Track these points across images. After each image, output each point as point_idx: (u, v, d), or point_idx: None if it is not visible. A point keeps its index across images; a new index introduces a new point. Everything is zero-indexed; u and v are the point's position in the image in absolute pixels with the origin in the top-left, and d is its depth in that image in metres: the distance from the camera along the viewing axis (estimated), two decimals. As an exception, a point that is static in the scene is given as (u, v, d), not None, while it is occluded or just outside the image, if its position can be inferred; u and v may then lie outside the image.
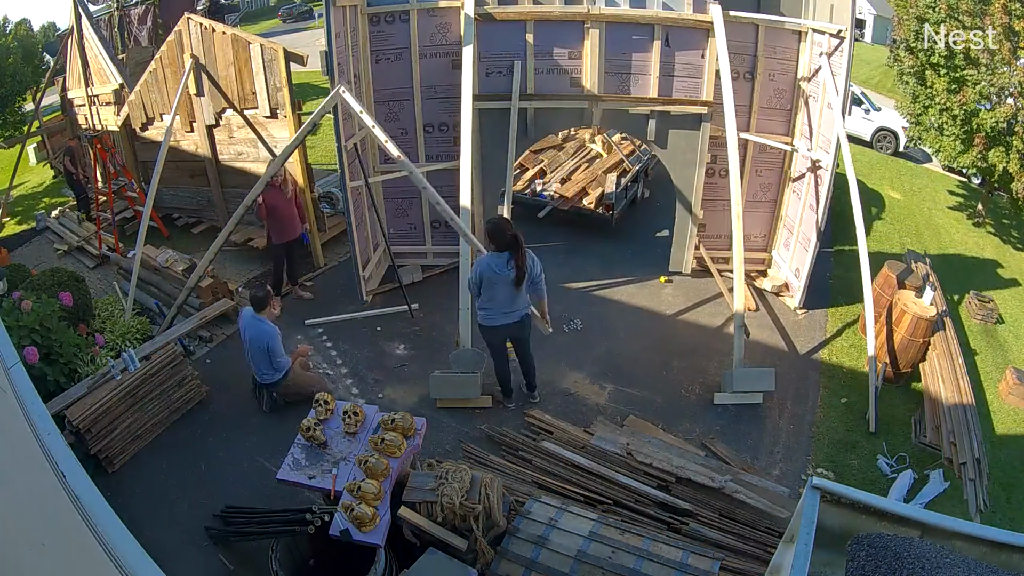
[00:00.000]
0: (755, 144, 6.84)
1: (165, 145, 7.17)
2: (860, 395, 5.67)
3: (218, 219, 8.51)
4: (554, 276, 7.27)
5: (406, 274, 7.23)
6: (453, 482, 3.51)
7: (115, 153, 8.40)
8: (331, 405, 4.04)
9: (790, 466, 4.98)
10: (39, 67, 14.44)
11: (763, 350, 6.15)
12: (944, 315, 6.37)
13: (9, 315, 4.85)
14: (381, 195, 7.23)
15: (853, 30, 5.79)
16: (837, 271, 7.65)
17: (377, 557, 3.36)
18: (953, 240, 9.24)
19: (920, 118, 9.52)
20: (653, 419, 5.32)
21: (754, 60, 6.53)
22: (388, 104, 6.87)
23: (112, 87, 9.24)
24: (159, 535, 4.24)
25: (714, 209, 7.12)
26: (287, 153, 6.16)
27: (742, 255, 5.75)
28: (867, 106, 13.28)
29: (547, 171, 8.97)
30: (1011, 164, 8.30)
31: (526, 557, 3.42)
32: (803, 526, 2.18)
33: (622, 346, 6.25)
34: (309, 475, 3.68)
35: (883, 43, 18.57)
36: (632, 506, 4.33)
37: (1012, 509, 4.78)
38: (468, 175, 5.87)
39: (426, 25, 6.49)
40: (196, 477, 4.80)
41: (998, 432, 5.53)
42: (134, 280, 6.83)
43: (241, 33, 7.61)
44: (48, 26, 21.99)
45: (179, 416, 5.33)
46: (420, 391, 5.59)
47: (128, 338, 6.05)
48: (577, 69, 6.52)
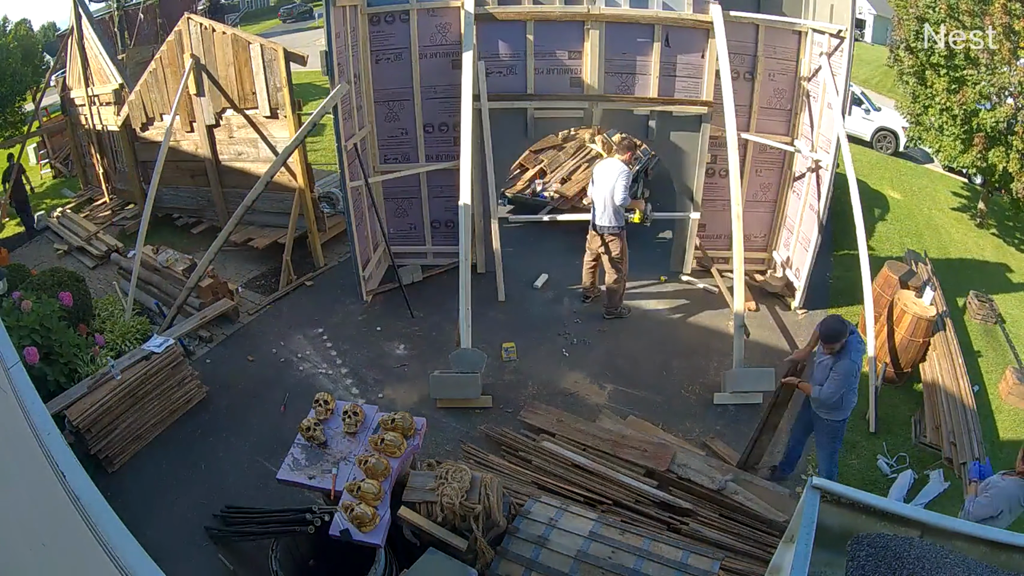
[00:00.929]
0: (755, 144, 6.84)
1: (165, 145, 7.18)
2: (860, 395, 5.64)
3: (218, 219, 8.51)
4: (555, 276, 7.30)
5: (406, 274, 7.23)
6: (453, 482, 3.50)
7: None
8: (331, 405, 4.04)
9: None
10: (39, 67, 14.45)
11: (763, 350, 6.15)
12: (944, 315, 6.37)
13: (9, 315, 4.85)
14: (381, 195, 7.23)
15: (853, 30, 5.78)
16: (837, 271, 7.65)
17: (377, 557, 3.36)
18: (953, 240, 9.23)
19: (920, 118, 9.51)
20: (653, 419, 5.32)
21: (754, 60, 6.53)
22: (388, 104, 6.87)
23: (112, 87, 9.24)
24: (159, 535, 4.24)
25: (714, 209, 7.12)
26: (287, 153, 6.17)
27: (742, 255, 5.75)
28: (867, 106, 13.27)
29: (547, 171, 8.97)
30: (1011, 164, 8.29)
31: (526, 557, 3.42)
32: (803, 526, 2.17)
33: (622, 346, 6.24)
34: (309, 475, 3.68)
35: (883, 43, 18.54)
36: (632, 506, 4.33)
37: (1012, 509, 4.78)
38: (468, 175, 5.87)
39: (426, 25, 6.49)
40: (196, 477, 4.80)
41: (998, 432, 5.52)
42: (134, 280, 6.84)
43: (241, 33, 7.62)
44: (48, 26, 22.00)
45: (179, 416, 5.33)
46: (420, 391, 5.59)
47: (128, 338, 6.05)
48: (577, 69, 6.52)
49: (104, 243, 8.52)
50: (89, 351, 5.39)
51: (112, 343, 5.90)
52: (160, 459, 4.96)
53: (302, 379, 5.79)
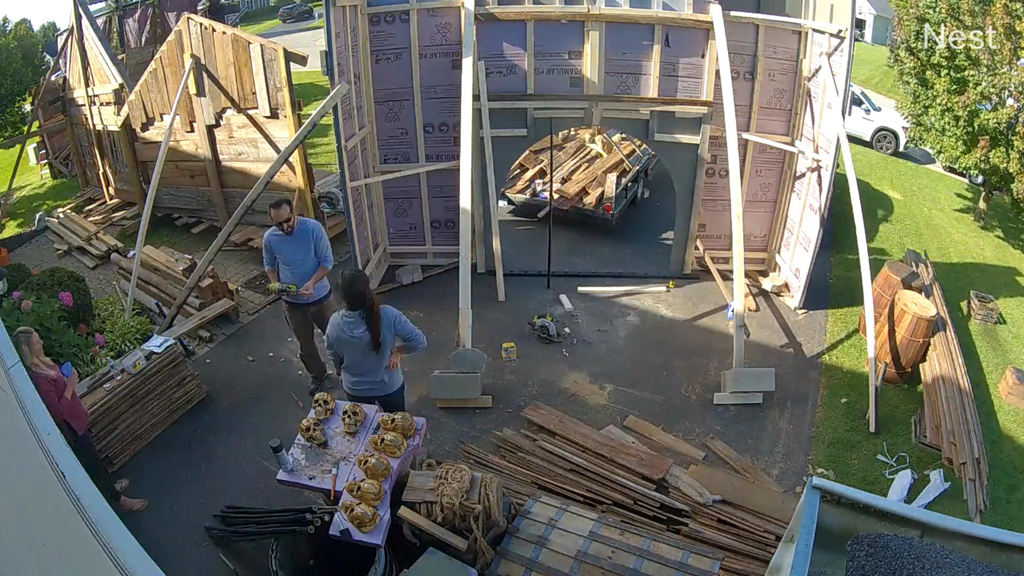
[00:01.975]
0: (755, 144, 6.84)
1: (165, 145, 7.17)
2: (860, 395, 5.67)
3: (218, 219, 8.51)
4: (555, 276, 7.28)
5: (406, 274, 7.23)
6: (453, 482, 3.50)
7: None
8: (331, 405, 4.04)
9: (790, 466, 4.97)
10: (39, 67, 14.45)
11: (763, 350, 6.15)
12: (944, 315, 6.36)
13: (9, 315, 4.85)
14: (381, 195, 7.23)
15: (853, 30, 5.78)
16: (837, 271, 7.64)
17: (377, 557, 3.36)
18: (953, 240, 9.22)
19: (921, 119, 9.50)
20: (653, 419, 5.32)
21: (754, 60, 6.53)
22: (388, 104, 6.87)
23: (112, 87, 9.24)
24: (159, 535, 4.24)
25: (714, 209, 7.12)
26: (287, 153, 6.16)
27: (742, 255, 5.75)
28: (867, 106, 13.26)
29: (547, 171, 8.97)
30: (1011, 164, 8.29)
31: (526, 557, 3.41)
32: (803, 526, 2.17)
33: (622, 346, 6.24)
34: (309, 475, 3.67)
35: (883, 43, 18.52)
36: (632, 506, 4.33)
37: (1012, 509, 4.77)
38: (468, 175, 5.87)
39: (426, 25, 6.49)
40: (196, 477, 4.79)
41: (998, 432, 5.52)
42: (134, 280, 6.84)
43: (241, 33, 7.62)
44: (48, 26, 21.99)
45: (179, 416, 5.32)
46: (420, 391, 5.59)
47: (128, 338, 6.05)
48: (577, 69, 6.52)
49: (104, 243, 8.52)
50: (89, 351, 5.39)
51: (112, 343, 5.90)
52: (160, 459, 4.96)
53: (302, 379, 5.78)
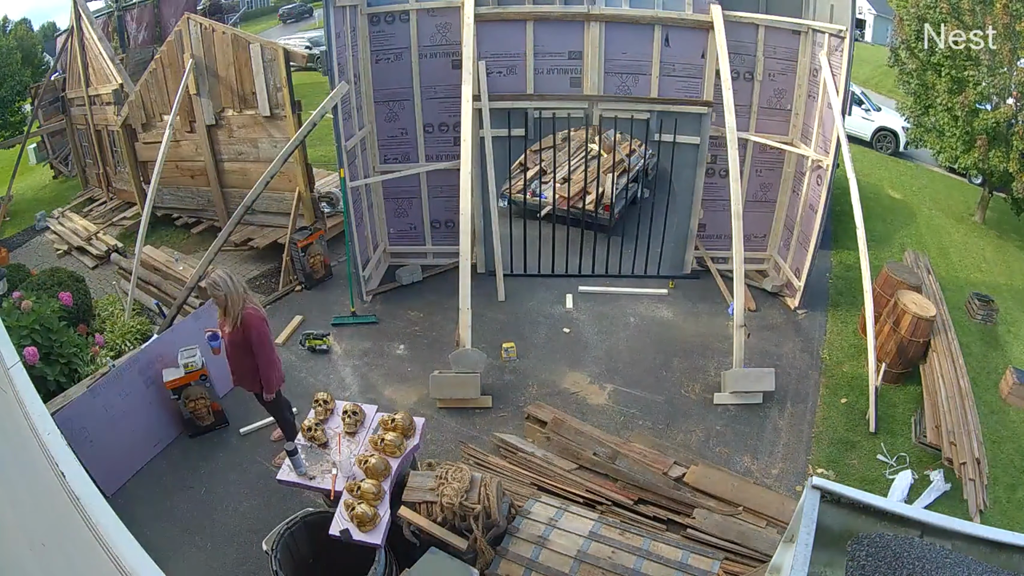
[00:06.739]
0: (755, 144, 6.84)
1: (165, 145, 7.17)
2: (860, 395, 5.67)
3: (218, 219, 8.51)
4: (555, 277, 7.28)
5: (406, 274, 7.22)
6: (453, 482, 3.50)
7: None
8: (331, 405, 4.04)
9: (790, 466, 4.97)
10: (39, 67, 14.46)
11: (763, 350, 6.15)
12: (944, 315, 6.35)
13: (9, 315, 4.85)
14: (381, 195, 7.23)
15: (853, 30, 5.78)
16: (837, 271, 7.64)
17: (377, 557, 3.36)
18: (953, 240, 9.22)
19: (921, 119, 9.50)
20: (653, 419, 5.32)
21: (754, 60, 6.53)
22: (388, 104, 6.87)
23: (112, 87, 9.25)
24: (159, 535, 4.24)
25: (714, 209, 7.12)
26: (287, 153, 6.16)
27: (742, 255, 5.74)
28: (867, 106, 13.26)
29: (547, 171, 8.96)
30: (1011, 164, 8.29)
31: (526, 557, 3.41)
32: (803, 526, 2.17)
33: (622, 346, 6.24)
34: (309, 475, 3.67)
35: (883, 43, 18.52)
36: (632, 507, 4.33)
37: (1012, 509, 4.77)
38: (468, 175, 5.87)
39: (426, 25, 6.49)
40: (196, 477, 4.79)
41: (998, 432, 5.52)
42: (134, 280, 6.84)
43: (241, 33, 7.62)
44: (48, 26, 21.99)
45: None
46: (420, 391, 5.59)
47: (128, 338, 6.05)
48: (577, 69, 6.52)
49: (104, 243, 8.52)
50: (89, 351, 5.39)
51: (112, 343, 5.90)
52: (160, 458, 4.96)
53: (302, 379, 5.79)
